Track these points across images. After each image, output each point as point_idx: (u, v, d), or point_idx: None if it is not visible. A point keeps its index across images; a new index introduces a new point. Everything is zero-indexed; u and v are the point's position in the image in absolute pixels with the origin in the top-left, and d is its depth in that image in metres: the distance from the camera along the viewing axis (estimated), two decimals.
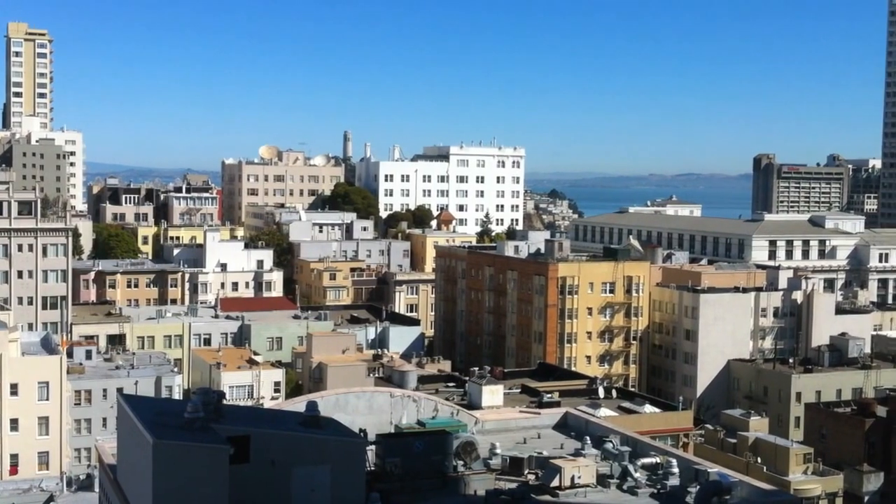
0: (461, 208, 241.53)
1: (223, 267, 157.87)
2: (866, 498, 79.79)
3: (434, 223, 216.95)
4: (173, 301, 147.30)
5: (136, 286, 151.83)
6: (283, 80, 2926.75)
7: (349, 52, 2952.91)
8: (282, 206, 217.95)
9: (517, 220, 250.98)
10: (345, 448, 41.79)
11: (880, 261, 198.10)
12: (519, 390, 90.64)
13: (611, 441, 52.98)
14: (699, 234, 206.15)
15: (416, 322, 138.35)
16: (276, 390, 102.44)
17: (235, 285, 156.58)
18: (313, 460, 40.60)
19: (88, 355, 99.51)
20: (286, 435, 41.09)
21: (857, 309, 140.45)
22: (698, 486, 46.33)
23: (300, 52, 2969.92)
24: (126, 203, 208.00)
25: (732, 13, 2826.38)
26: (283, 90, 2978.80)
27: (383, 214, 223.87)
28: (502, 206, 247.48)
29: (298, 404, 51.27)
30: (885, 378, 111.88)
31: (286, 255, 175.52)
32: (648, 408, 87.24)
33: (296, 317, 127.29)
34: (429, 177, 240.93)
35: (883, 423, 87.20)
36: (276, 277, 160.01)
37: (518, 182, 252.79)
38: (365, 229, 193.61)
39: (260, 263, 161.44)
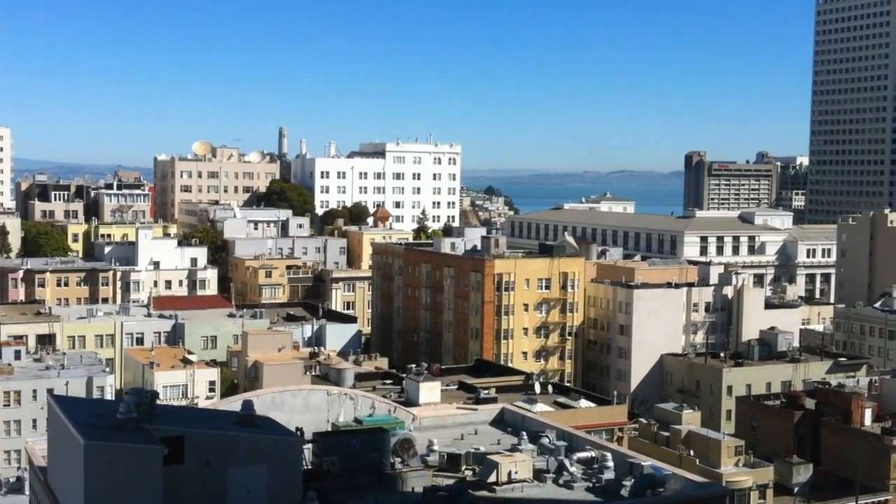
0: (398, 205, 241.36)
1: (156, 265, 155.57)
2: (796, 489, 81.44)
3: (370, 220, 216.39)
4: (105, 300, 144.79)
5: (66, 285, 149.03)
6: (218, 75, 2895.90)
7: (285, 48, 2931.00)
8: (216, 202, 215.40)
9: (453, 216, 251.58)
10: (281, 447, 41.56)
11: (808, 256, 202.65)
12: (456, 387, 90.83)
13: (547, 436, 53.43)
14: (632, 231, 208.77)
15: (352, 319, 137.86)
16: (211, 389, 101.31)
17: (168, 283, 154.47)
18: (249, 460, 40.30)
19: (17, 355, 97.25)
20: (221, 435, 40.71)
21: (786, 303, 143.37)
22: (633, 480, 46.97)
23: (234, 46, 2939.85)
24: (55, 200, 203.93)
25: (664, 13, 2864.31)
26: (218, 85, 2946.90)
27: (319, 211, 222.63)
28: (439, 202, 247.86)
29: (234, 403, 50.81)
30: (813, 371, 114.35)
31: (220, 252, 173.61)
32: (584, 402, 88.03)
33: (231, 315, 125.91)
34: (365, 174, 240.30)
35: (811, 415, 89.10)
36: (211, 275, 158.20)
37: (454, 179, 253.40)
38: (301, 226, 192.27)
39: (194, 261, 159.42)
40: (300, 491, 41.75)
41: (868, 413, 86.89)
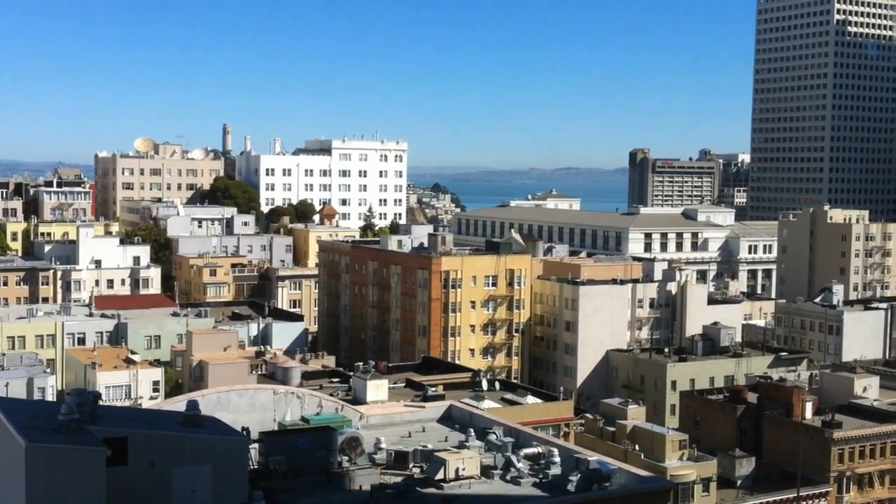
0: (344, 202, 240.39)
1: (97, 264, 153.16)
2: (739, 482, 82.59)
3: (317, 218, 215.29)
4: (45, 299, 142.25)
5: (5, 284, 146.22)
6: (160, 71, 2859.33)
7: (228, 43, 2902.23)
8: (159, 200, 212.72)
9: (400, 214, 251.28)
10: (227, 447, 41.18)
11: (749, 252, 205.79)
12: (403, 384, 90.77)
13: (494, 433, 53.59)
14: (578, 228, 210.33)
15: (299, 318, 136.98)
16: (155, 390, 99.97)
17: (111, 283, 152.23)
18: (194, 460, 39.88)
19: None
20: (165, 435, 40.22)
21: (728, 299, 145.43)
22: (579, 475, 47.30)
23: (178, 41, 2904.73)
24: None
25: (608, 11, 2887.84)
26: (160, 81, 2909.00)
27: (265, 209, 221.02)
28: (385, 200, 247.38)
29: (178, 404, 50.21)
30: (755, 365, 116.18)
31: (164, 251, 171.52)
32: (531, 399, 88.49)
33: (175, 314, 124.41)
34: (311, 171, 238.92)
35: (753, 409, 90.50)
36: (154, 274, 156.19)
37: (401, 176, 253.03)
38: (246, 224, 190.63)
39: (136, 260, 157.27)
40: (246, 491, 41.42)
41: (809, 407, 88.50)
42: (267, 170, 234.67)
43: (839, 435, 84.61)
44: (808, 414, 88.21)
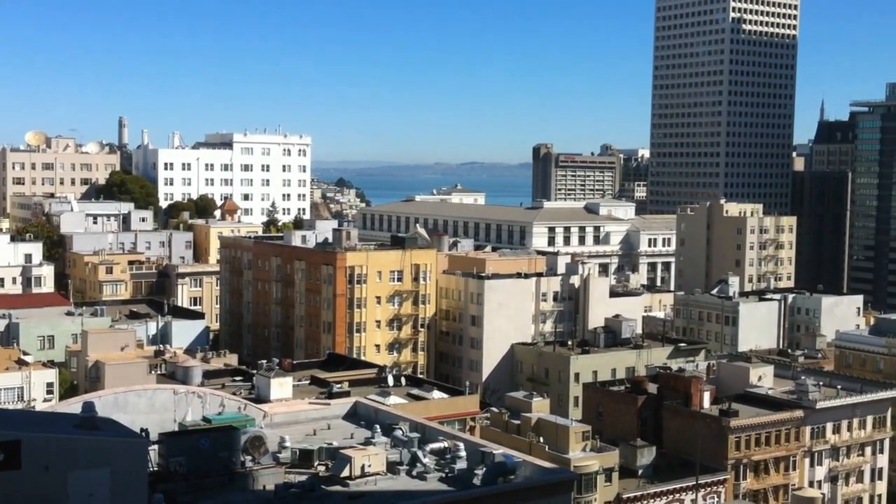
0: (246, 197, 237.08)
1: None
2: (640, 471, 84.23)
3: (218, 213, 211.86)
4: None
5: None
6: (52, 62, 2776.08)
7: (124, 34, 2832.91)
8: (51, 195, 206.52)
9: (304, 209, 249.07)
10: (125, 449, 40.29)
11: (649, 245, 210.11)
12: (308, 382, 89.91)
13: (400, 428, 53.50)
14: (483, 222, 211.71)
15: (200, 316, 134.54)
16: (49, 392, 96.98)
17: (1, 281, 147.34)
18: (91, 463, 38.96)
19: None
20: (60, 438, 39.06)
21: (629, 292, 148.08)
22: (484, 468, 47.49)
23: (71, 31, 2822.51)
24: None
25: (507, 7, 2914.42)
26: (52, 72, 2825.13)
27: (163, 204, 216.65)
28: (289, 195, 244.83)
29: (74, 406, 48.80)
30: (655, 357, 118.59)
31: (57, 248, 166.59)
32: (437, 394, 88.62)
33: (69, 313, 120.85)
34: (211, 165, 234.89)
35: (654, 399, 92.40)
36: (47, 272, 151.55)
37: (304, 170, 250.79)
38: (144, 220, 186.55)
39: (28, 257, 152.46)
40: (146, 494, 40.67)
41: (707, 396, 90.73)
42: (165, 164, 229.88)
43: (736, 423, 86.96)
44: (706, 403, 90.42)
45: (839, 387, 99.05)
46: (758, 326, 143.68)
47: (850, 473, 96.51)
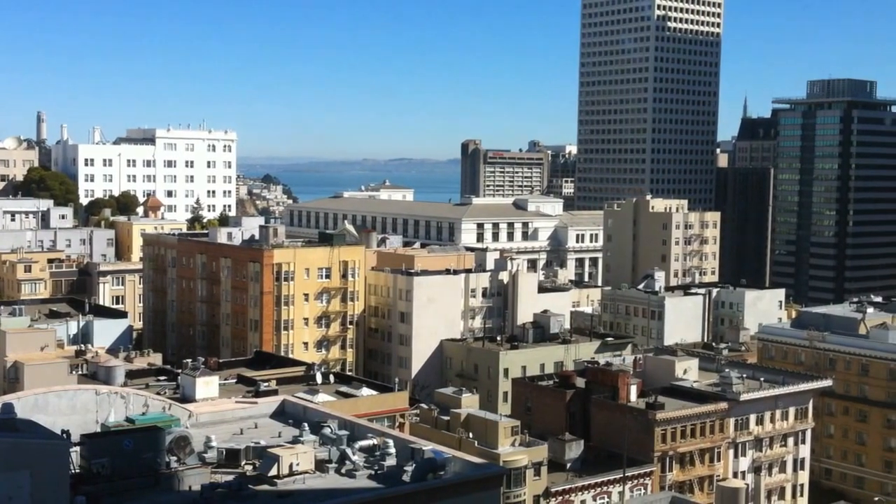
0: (170, 194, 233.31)
1: None
2: (568, 465, 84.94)
3: (140, 210, 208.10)
4: None
5: None
6: None
7: (41, 26, 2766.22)
8: None
9: (230, 205, 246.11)
10: (45, 451, 39.61)
11: (577, 241, 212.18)
12: (235, 380, 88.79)
13: (329, 426, 53.07)
14: (412, 218, 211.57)
15: (122, 314, 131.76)
16: None
17: None
18: (10, 466, 38.32)
19: None
20: None
21: (558, 287, 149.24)
22: (414, 465, 47.31)
23: None
24: None
25: (429, 3, 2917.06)
26: None
27: (84, 201, 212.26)
28: (214, 191, 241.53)
29: None
30: (583, 351, 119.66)
31: None
32: (365, 391, 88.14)
33: None
34: (133, 161, 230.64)
35: (582, 393, 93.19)
36: None
37: (230, 167, 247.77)
38: (63, 217, 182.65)
39: None
40: (67, 496, 40.02)
41: (633, 389, 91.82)
42: (86, 160, 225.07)
43: (662, 416, 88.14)
44: (633, 397, 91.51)
45: (762, 379, 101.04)
46: (683, 320, 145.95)
47: (774, 464, 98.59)
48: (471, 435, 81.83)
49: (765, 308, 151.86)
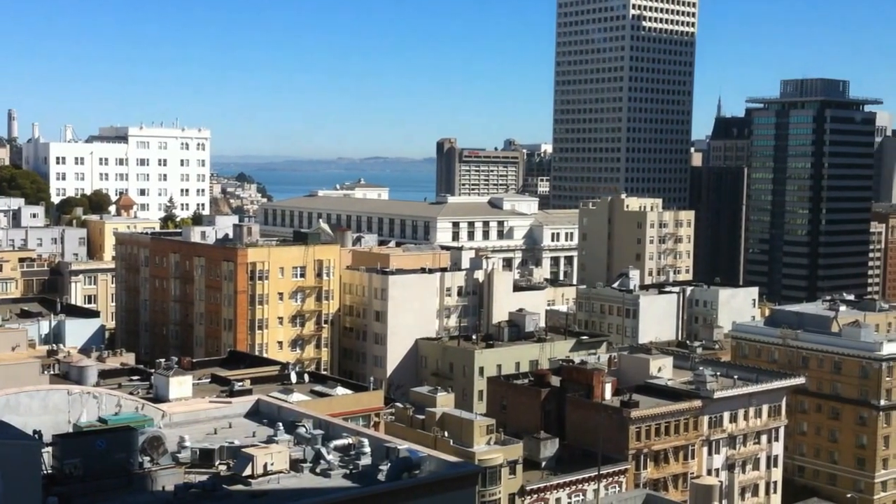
0: (143, 192, 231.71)
1: None
2: (543, 463, 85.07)
3: (113, 209, 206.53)
4: None
5: None
6: None
7: (14, 23, 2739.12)
8: None
9: (203, 204, 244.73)
10: (16, 452, 39.27)
11: (552, 240, 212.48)
12: (209, 380, 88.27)
13: (303, 426, 52.83)
14: (387, 217, 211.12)
15: (95, 314, 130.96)
16: None
17: None
18: None
19: None
20: None
21: (533, 286, 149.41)
22: (389, 464, 47.19)
23: None
24: None
25: (411, 3, 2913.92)
26: None
27: (56, 200, 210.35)
28: (187, 190, 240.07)
29: None
30: (558, 349, 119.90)
31: None
32: (340, 390, 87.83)
33: None
34: (106, 159, 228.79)
35: (557, 391, 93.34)
36: None
37: (203, 165, 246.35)
38: (35, 216, 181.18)
39: None
40: (39, 497, 39.68)
41: (608, 387, 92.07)
42: (57, 158, 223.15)
43: (636, 414, 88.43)
44: (608, 395, 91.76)
45: (736, 377, 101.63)
46: (657, 319, 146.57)
47: (747, 461, 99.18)
48: (446, 434, 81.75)
49: (738, 306, 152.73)
